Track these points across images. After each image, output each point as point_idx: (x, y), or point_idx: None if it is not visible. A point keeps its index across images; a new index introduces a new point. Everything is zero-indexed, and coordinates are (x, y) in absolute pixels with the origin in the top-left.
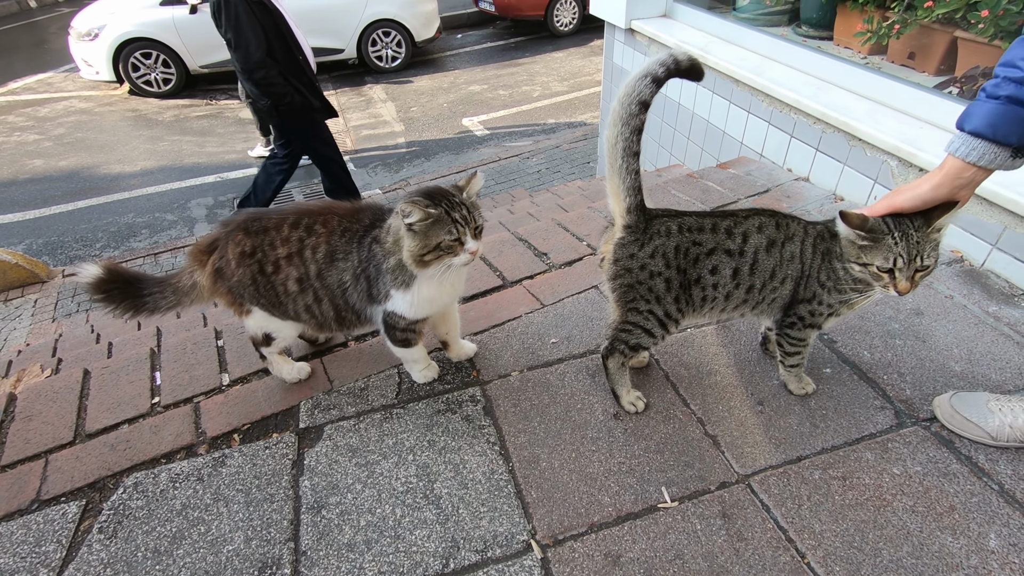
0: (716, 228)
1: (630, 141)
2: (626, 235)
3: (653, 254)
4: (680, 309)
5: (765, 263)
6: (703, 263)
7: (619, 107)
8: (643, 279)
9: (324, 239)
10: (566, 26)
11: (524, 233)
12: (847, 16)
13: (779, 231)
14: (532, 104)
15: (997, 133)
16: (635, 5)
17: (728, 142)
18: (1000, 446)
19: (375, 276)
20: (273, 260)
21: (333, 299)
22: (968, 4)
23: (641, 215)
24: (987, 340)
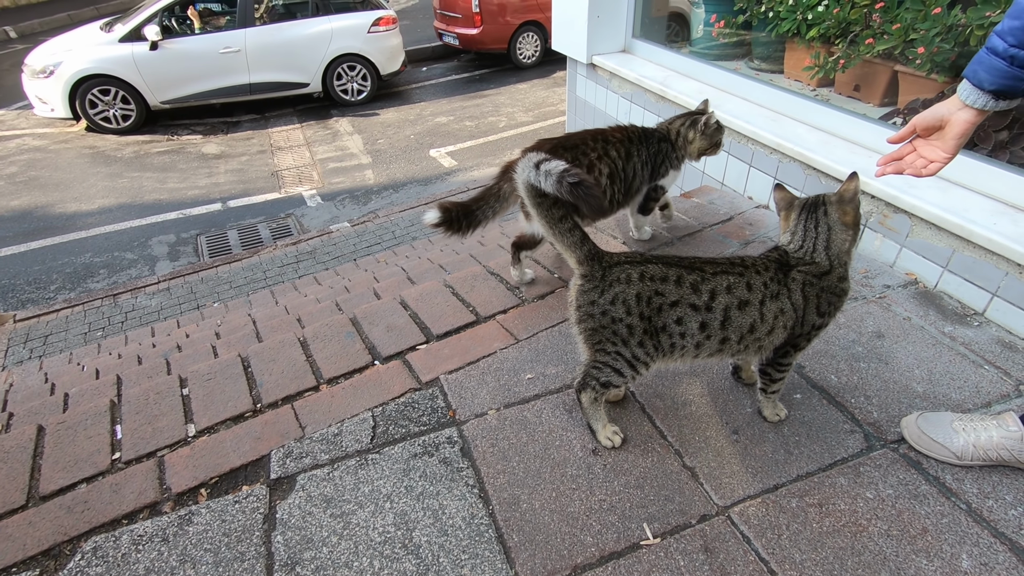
0: (681, 281)
1: (551, 215)
2: (584, 283)
3: (613, 301)
4: (648, 353)
5: (740, 320)
6: (667, 313)
7: (528, 198)
8: (606, 323)
9: (619, 144)
10: (529, 58)
11: (496, 267)
12: (795, 51)
13: (752, 292)
14: (499, 134)
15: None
16: (596, 42)
17: (690, 171)
18: (965, 465)
19: (661, 162)
20: (588, 163)
21: (625, 182)
22: (905, 41)
23: (596, 263)
24: (945, 360)
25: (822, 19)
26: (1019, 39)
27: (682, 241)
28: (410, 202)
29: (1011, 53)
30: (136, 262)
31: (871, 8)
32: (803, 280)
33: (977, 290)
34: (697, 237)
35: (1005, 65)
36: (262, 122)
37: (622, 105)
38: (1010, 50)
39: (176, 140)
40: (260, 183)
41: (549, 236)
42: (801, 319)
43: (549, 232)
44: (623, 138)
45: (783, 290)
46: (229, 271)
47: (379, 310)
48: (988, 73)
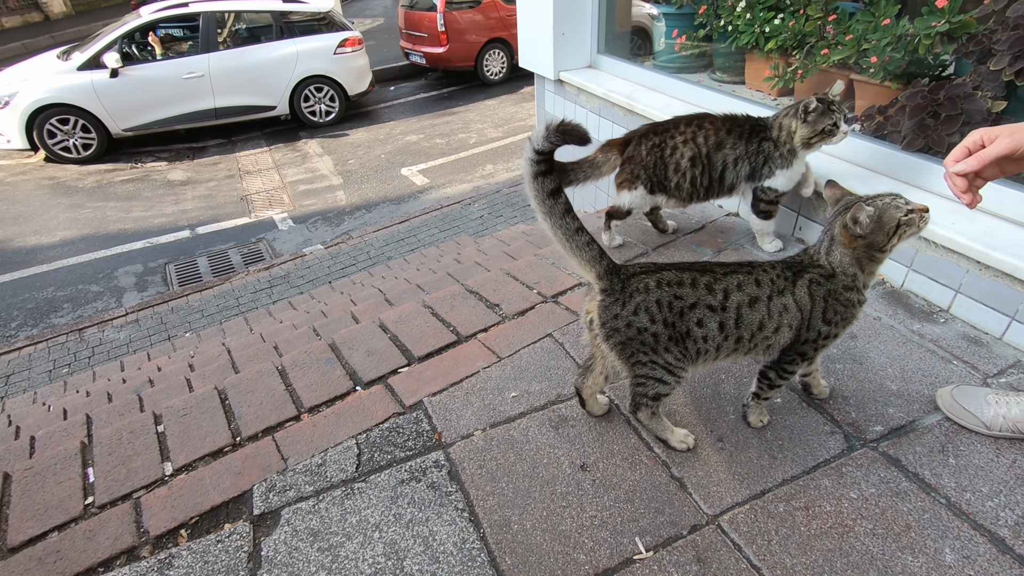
0: (696, 283)
1: (566, 224)
2: (605, 298)
3: (636, 311)
4: (677, 358)
5: (750, 317)
6: (688, 316)
7: (537, 205)
8: (632, 335)
9: (713, 132)
10: (496, 75)
11: (474, 285)
12: (755, 63)
13: (761, 288)
14: (469, 151)
15: None
16: (562, 58)
17: None
18: (993, 435)
19: (762, 163)
20: (672, 145)
21: (711, 172)
22: (859, 51)
23: (615, 277)
24: (916, 357)
25: (779, 32)
26: None
27: (657, 252)
28: (384, 222)
29: None
30: (102, 294)
31: (824, 20)
32: (811, 279)
33: (941, 288)
34: (671, 247)
35: None
36: (229, 146)
37: (591, 119)
38: None
39: (140, 168)
40: (229, 208)
41: (565, 250)
42: (808, 322)
43: (565, 245)
44: (722, 127)
45: (789, 287)
46: (200, 299)
47: (358, 334)
48: None
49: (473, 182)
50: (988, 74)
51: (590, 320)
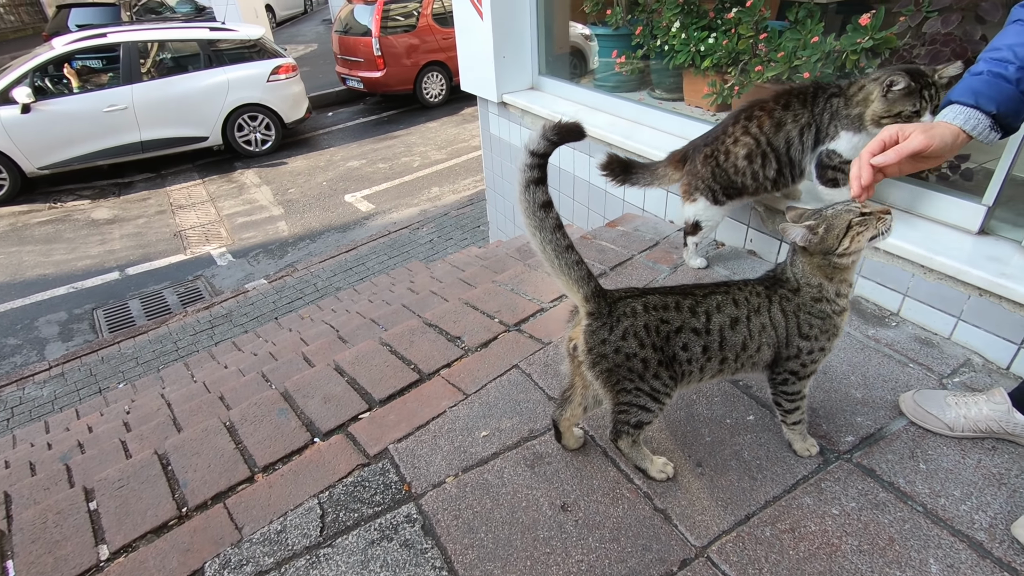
0: (680, 307)
1: (556, 240)
2: (592, 322)
3: (624, 336)
4: (665, 384)
5: (733, 339)
6: (674, 341)
7: (527, 219)
8: (620, 362)
9: (767, 116)
10: (436, 97)
11: (433, 318)
12: (693, 81)
13: (739, 308)
14: (414, 174)
15: (979, 101)
16: (504, 81)
17: (612, 200)
18: (956, 436)
19: (828, 121)
20: (724, 150)
21: (777, 156)
22: (791, 67)
23: (602, 300)
24: (875, 363)
25: (713, 50)
26: None
27: (615, 271)
28: (330, 251)
29: (1020, 76)
30: (21, 348)
31: (756, 39)
32: (781, 296)
33: (890, 292)
34: (628, 265)
35: (1014, 89)
36: (158, 180)
37: None
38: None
39: (60, 207)
40: (162, 246)
41: (552, 268)
42: (786, 339)
43: (553, 263)
44: (775, 107)
45: (765, 304)
46: (134, 346)
47: (313, 380)
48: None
49: (420, 205)
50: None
51: (573, 347)
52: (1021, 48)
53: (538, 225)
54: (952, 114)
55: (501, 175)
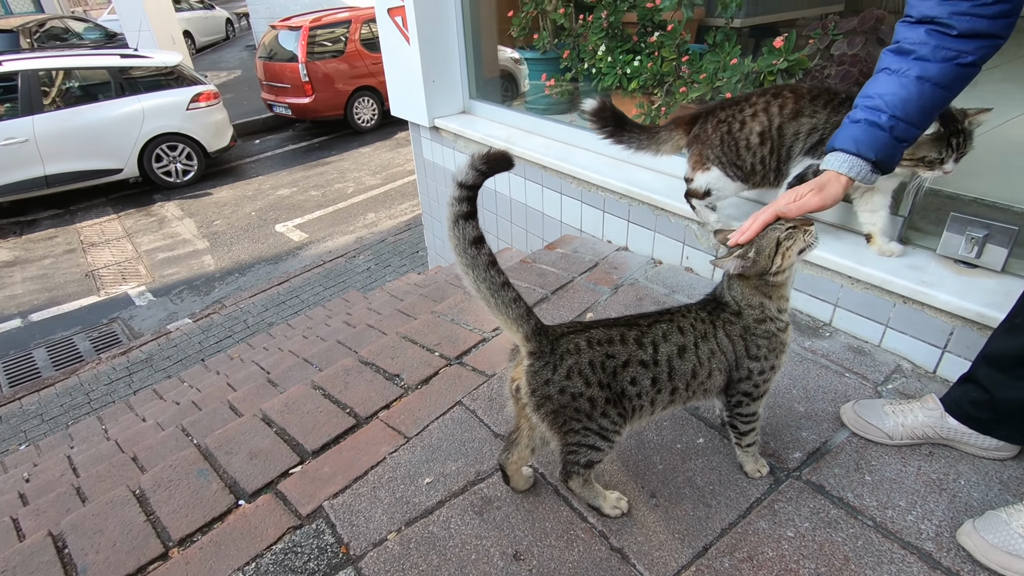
0: (625, 339)
1: (490, 278)
2: (534, 362)
3: (569, 375)
4: (614, 422)
5: (682, 368)
6: (621, 376)
7: (458, 256)
8: (566, 402)
9: (793, 100)
10: (368, 122)
11: (369, 355)
12: (621, 102)
13: (686, 336)
14: (348, 201)
15: (860, 149)
16: (435, 105)
17: (549, 222)
18: (895, 444)
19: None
20: (740, 120)
21: (780, 151)
22: (713, 88)
23: (544, 337)
24: (814, 375)
25: (639, 73)
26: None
27: (556, 295)
28: (261, 284)
29: (892, 124)
30: None
31: (679, 61)
32: (724, 320)
33: (821, 303)
34: (569, 288)
35: (887, 136)
36: (67, 217)
37: None
38: (892, 121)
39: None
40: (71, 288)
41: (489, 307)
42: (736, 363)
43: (489, 302)
44: (806, 95)
45: (710, 330)
46: (38, 401)
47: (237, 433)
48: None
49: (355, 233)
50: None
51: (516, 388)
52: (890, 97)
53: (470, 263)
54: (837, 162)
55: (437, 200)
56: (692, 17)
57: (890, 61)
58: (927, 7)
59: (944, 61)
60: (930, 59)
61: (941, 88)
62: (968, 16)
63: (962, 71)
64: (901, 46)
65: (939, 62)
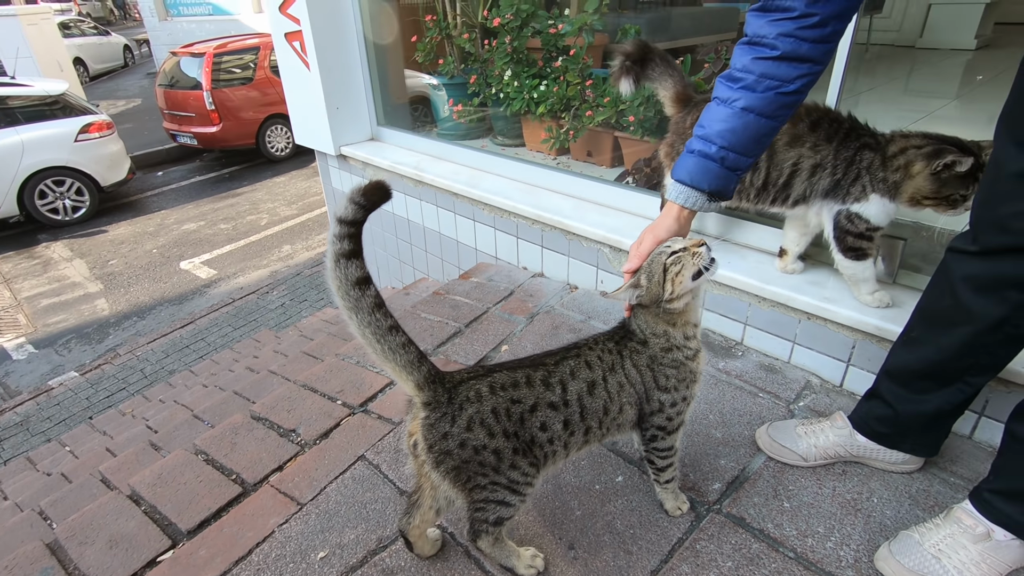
0: (531, 381)
1: (376, 322)
2: (430, 414)
3: (470, 426)
4: (524, 473)
5: (593, 405)
6: (530, 421)
7: (341, 299)
8: (468, 457)
9: (790, 123)
10: (282, 151)
11: (263, 409)
12: (531, 126)
13: (593, 370)
14: (261, 233)
15: (694, 180)
16: (341, 133)
17: (464, 250)
18: (810, 465)
19: (855, 177)
20: None
21: (769, 173)
22: (618, 111)
23: (439, 386)
24: (728, 397)
25: (546, 97)
26: (728, 141)
27: (470, 328)
28: (162, 328)
29: (722, 155)
30: None
31: (583, 86)
32: (631, 350)
33: (732, 322)
34: (483, 320)
35: (718, 167)
36: None
37: None
38: (721, 152)
39: None
40: None
41: (376, 354)
42: (645, 394)
43: (376, 348)
44: (804, 118)
45: (618, 361)
46: None
47: (98, 516)
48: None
49: (270, 266)
50: None
51: (414, 444)
52: (719, 127)
53: (353, 306)
54: (675, 193)
55: None
56: (593, 42)
57: (721, 90)
58: (758, 26)
59: (767, 91)
60: (755, 89)
61: (765, 118)
62: (792, 38)
63: (785, 99)
64: (732, 73)
65: (762, 92)
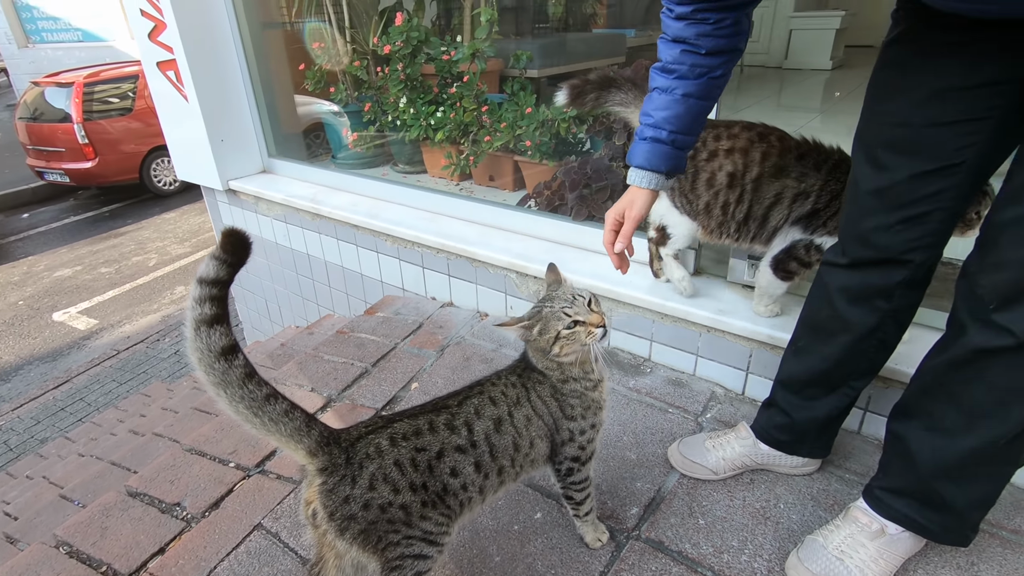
0: (435, 426)
1: (250, 394)
2: (327, 479)
3: (372, 484)
4: (438, 523)
5: (502, 443)
6: (438, 469)
7: (205, 374)
8: (375, 517)
9: (777, 152)
10: (171, 185)
11: (141, 482)
12: (431, 153)
13: (499, 406)
14: (150, 275)
15: (652, 164)
16: (229, 167)
17: (369, 283)
18: (721, 478)
19: (835, 210)
20: (711, 149)
21: (752, 206)
22: (515, 136)
23: (334, 447)
24: (640, 416)
25: (443, 123)
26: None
27: (378, 367)
28: (32, 391)
29: (672, 138)
30: None
31: (479, 112)
32: (534, 381)
33: (639, 340)
34: (391, 357)
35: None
36: None
37: (277, 227)
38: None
39: None
40: None
41: (256, 429)
42: (554, 425)
43: (254, 422)
44: (793, 149)
45: (523, 394)
46: None
47: None
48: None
49: (160, 311)
50: (616, 148)
51: (312, 513)
52: (666, 114)
53: (220, 380)
54: (637, 178)
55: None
56: (486, 68)
57: (659, 81)
58: (677, 29)
59: (700, 77)
60: (689, 77)
61: (703, 100)
62: (711, 37)
63: (716, 82)
64: (665, 65)
65: (696, 79)
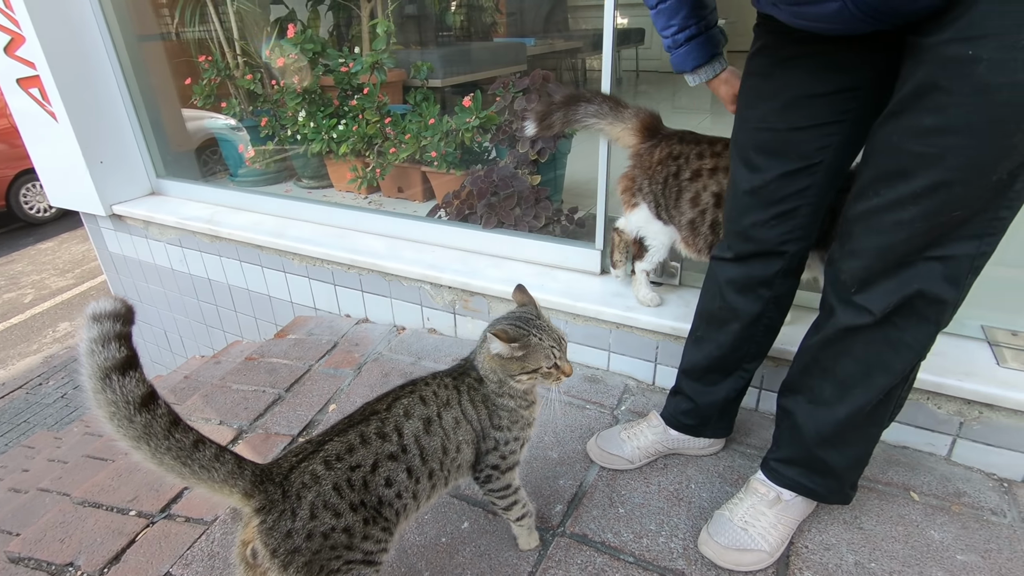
0: (366, 439)
1: (177, 443)
2: (266, 517)
3: (314, 513)
4: (379, 540)
5: (431, 445)
6: (374, 482)
7: (119, 429)
8: (318, 546)
9: None
10: (46, 212)
11: (24, 545)
12: (336, 166)
13: (428, 406)
14: (27, 312)
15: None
16: (111, 189)
17: (279, 304)
18: (638, 467)
19: None
20: (695, 168)
21: None
22: (420, 147)
23: (269, 484)
24: (561, 415)
25: (346, 136)
26: (681, 25)
27: (292, 392)
28: None
29: (687, 35)
30: None
31: (383, 123)
32: (469, 385)
33: None
34: (306, 380)
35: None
36: None
37: (173, 252)
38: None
39: None
40: None
41: (185, 479)
42: (482, 432)
43: (182, 472)
44: None
45: (454, 396)
46: None
47: None
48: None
49: (42, 351)
50: (520, 156)
51: (252, 553)
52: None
53: (142, 433)
54: (705, 75)
55: (138, 298)
56: (387, 80)
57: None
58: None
59: None
60: None
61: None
62: None
63: None
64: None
65: None
